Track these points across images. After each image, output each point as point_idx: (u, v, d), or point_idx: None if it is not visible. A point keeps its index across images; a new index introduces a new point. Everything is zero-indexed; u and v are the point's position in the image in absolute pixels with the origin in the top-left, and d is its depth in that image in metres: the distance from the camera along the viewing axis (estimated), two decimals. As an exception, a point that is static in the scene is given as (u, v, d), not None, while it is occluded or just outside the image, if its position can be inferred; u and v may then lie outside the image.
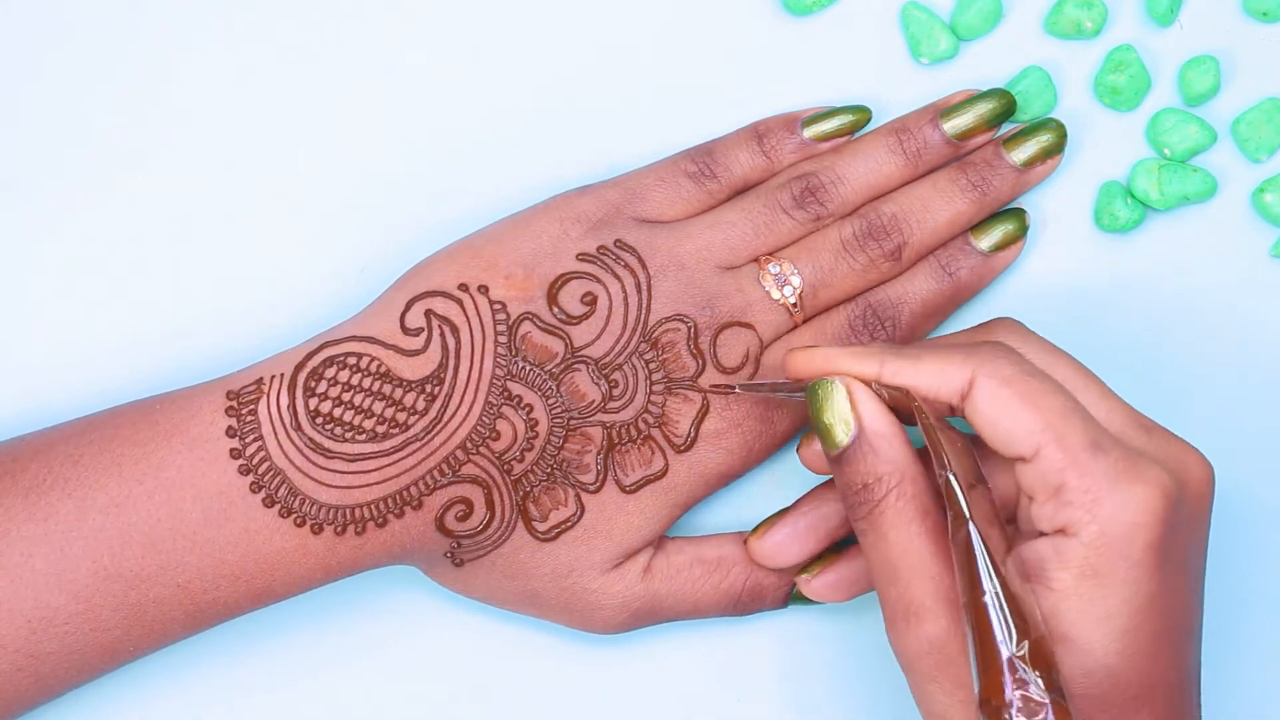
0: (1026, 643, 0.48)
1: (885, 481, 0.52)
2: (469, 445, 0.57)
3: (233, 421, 0.56)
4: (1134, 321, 0.63)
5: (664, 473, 0.58)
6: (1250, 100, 0.63)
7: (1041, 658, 0.48)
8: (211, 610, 0.56)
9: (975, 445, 0.53)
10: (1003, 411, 0.50)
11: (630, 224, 0.59)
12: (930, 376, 0.52)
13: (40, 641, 0.54)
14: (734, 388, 0.57)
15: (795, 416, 0.60)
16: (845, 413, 0.52)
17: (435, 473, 0.56)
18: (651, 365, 0.58)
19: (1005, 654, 0.48)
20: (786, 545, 0.58)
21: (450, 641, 0.62)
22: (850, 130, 0.62)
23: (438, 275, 0.58)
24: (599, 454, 0.58)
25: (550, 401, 0.57)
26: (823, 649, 0.62)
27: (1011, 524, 0.54)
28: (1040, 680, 0.47)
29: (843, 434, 0.52)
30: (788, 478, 0.62)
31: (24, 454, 0.56)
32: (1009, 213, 0.61)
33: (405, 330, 0.57)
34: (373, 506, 0.56)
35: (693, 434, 0.58)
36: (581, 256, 0.58)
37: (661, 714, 0.62)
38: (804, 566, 0.59)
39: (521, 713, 0.62)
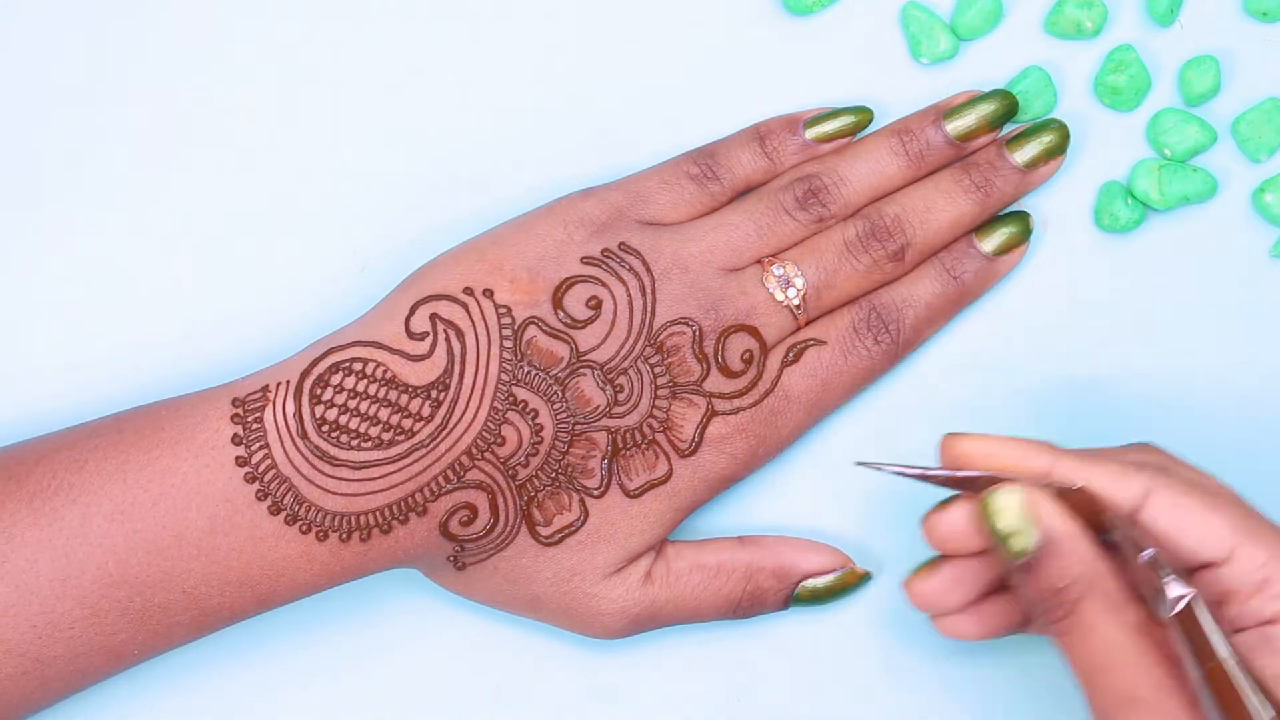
0: (1275, 715, 0.47)
1: (1083, 580, 0.50)
2: (474, 451, 0.57)
3: (238, 429, 0.56)
4: (1134, 321, 0.63)
5: (667, 477, 0.58)
6: (1250, 100, 0.63)
7: None
8: (216, 615, 0.56)
9: None
10: (1187, 520, 0.50)
11: (634, 227, 0.59)
12: (1109, 480, 0.51)
13: (45, 646, 0.54)
14: (882, 467, 0.53)
15: (798, 420, 0.60)
16: (1027, 520, 0.51)
17: (441, 479, 0.56)
18: (656, 370, 0.58)
19: (1267, 716, 0.47)
20: (949, 590, 0.55)
21: (450, 644, 0.62)
22: (852, 131, 0.62)
23: (442, 278, 0.58)
24: (603, 459, 0.58)
25: (555, 407, 0.57)
26: (823, 650, 0.62)
27: None
28: None
29: (1025, 542, 0.51)
30: (790, 482, 0.62)
31: (29, 459, 0.56)
32: (1013, 216, 0.61)
33: (410, 334, 0.57)
34: (378, 513, 0.56)
35: (697, 439, 0.58)
36: (586, 260, 0.58)
37: (661, 715, 0.62)
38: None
39: (522, 715, 0.62)
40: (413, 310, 0.57)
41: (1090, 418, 0.62)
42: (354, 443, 0.56)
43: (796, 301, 0.59)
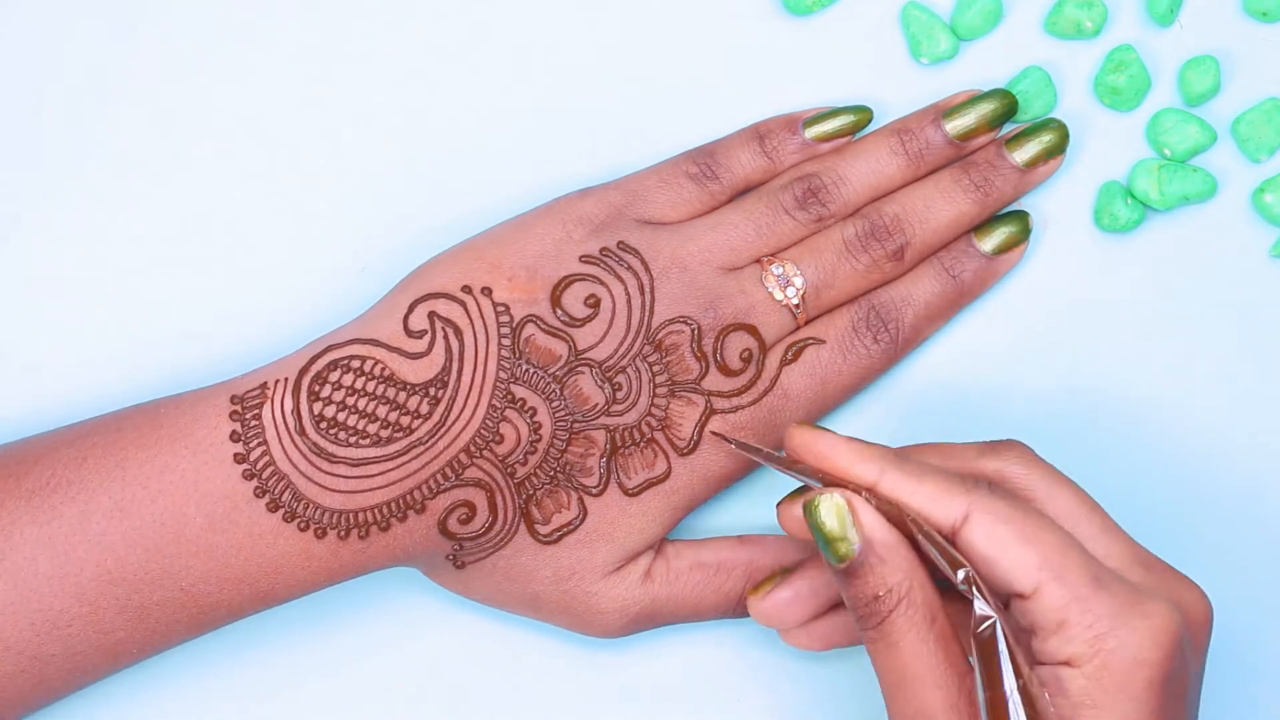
0: None
1: (896, 591, 0.51)
2: (473, 449, 0.57)
3: (237, 426, 0.56)
4: (1134, 321, 0.63)
5: (666, 475, 0.58)
6: (1250, 100, 0.63)
7: None
8: (215, 613, 0.56)
9: None
10: (1000, 548, 0.50)
11: (633, 226, 0.59)
12: (927, 500, 0.51)
13: (44, 644, 0.55)
14: (731, 441, 0.56)
15: (797, 419, 0.59)
16: (848, 527, 0.51)
17: (439, 476, 0.56)
18: (655, 368, 0.58)
19: None
20: (788, 607, 0.57)
21: (450, 643, 0.62)
22: (852, 130, 0.62)
23: (441, 277, 0.58)
24: (602, 457, 0.58)
25: (554, 405, 0.57)
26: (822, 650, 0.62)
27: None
28: None
29: (847, 548, 0.51)
30: (789, 481, 0.62)
31: (28, 457, 0.56)
32: (1012, 215, 0.61)
33: (409, 332, 0.57)
34: (376, 511, 0.56)
35: (695, 437, 0.58)
36: (584, 258, 0.58)
37: (661, 715, 0.62)
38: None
39: (521, 714, 0.62)
40: (411, 308, 0.57)
41: (1089, 417, 0.62)
42: (352, 440, 0.56)
43: (796, 301, 0.59)
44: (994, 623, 0.49)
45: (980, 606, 0.49)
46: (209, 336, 0.62)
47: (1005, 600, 0.51)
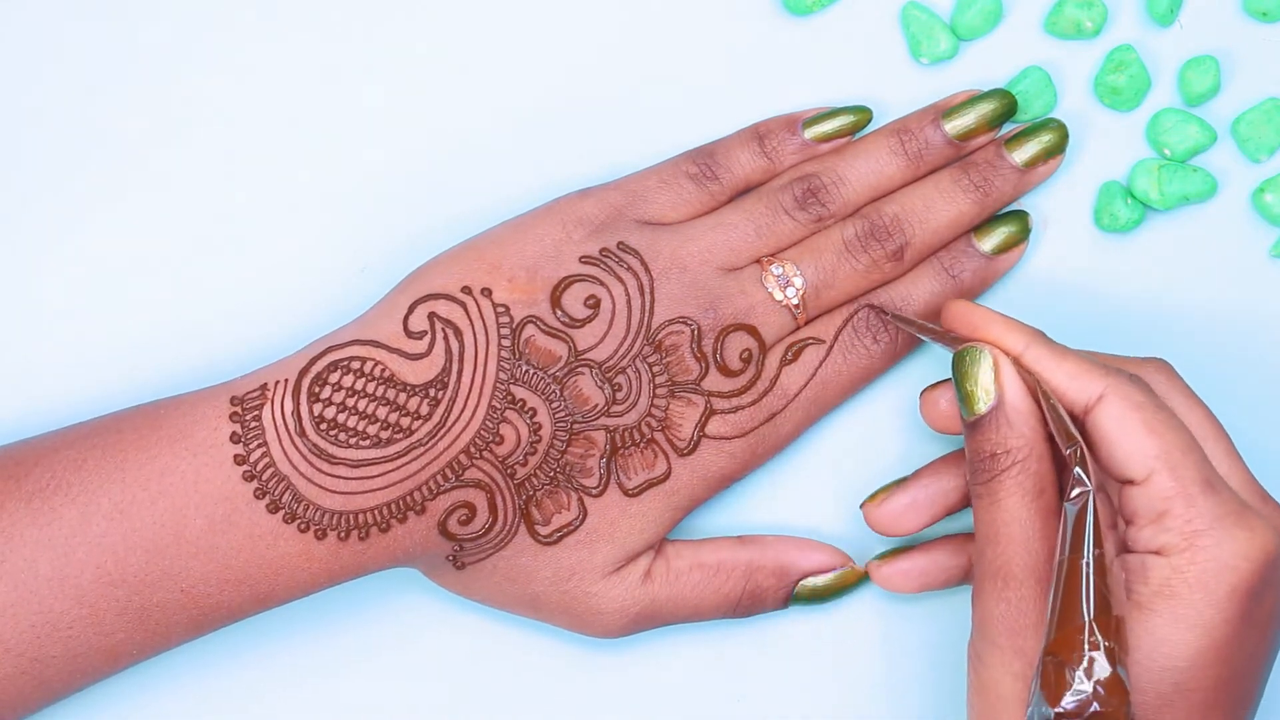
0: (1112, 616, 0.49)
1: (1014, 454, 0.53)
2: (472, 450, 0.57)
3: (237, 427, 0.56)
4: (1134, 321, 0.63)
5: (666, 476, 0.58)
6: (1250, 100, 0.63)
7: (1118, 635, 0.49)
8: (215, 614, 0.56)
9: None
10: (1125, 432, 0.52)
11: (632, 226, 0.59)
12: (1066, 375, 0.53)
13: (44, 646, 0.54)
14: (887, 313, 0.59)
15: (797, 419, 0.60)
16: (988, 382, 0.54)
17: (439, 477, 0.56)
18: (655, 369, 0.58)
19: (1088, 617, 0.49)
20: (904, 515, 0.59)
21: (450, 643, 0.62)
22: (851, 131, 0.62)
23: (440, 278, 0.58)
24: (602, 458, 0.58)
25: (554, 405, 0.57)
26: (823, 650, 0.62)
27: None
28: (1107, 654, 0.48)
29: (983, 402, 0.54)
30: (790, 481, 0.62)
31: (28, 458, 0.56)
32: (1011, 215, 0.62)
33: (409, 333, 0.57)
34: (376, 512, 0.56)
35: (695, 437, 0.58)
36: (584, 259, 0.58)
37: (661, 715, 0.62)
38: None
39: (521, 714, 0.62)
40: (411, 309, 0.57)
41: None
42: (352, 441, 0.56)
43: (795, 301, 0.59)
44: (1088, 493, 0.50)
45: (1080, 476, 0.50)
46: (209, 336, 0.62)
47: (1119, 486, 0.52)
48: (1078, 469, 0.50)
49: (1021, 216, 0.61)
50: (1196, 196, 0.62)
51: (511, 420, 0.57)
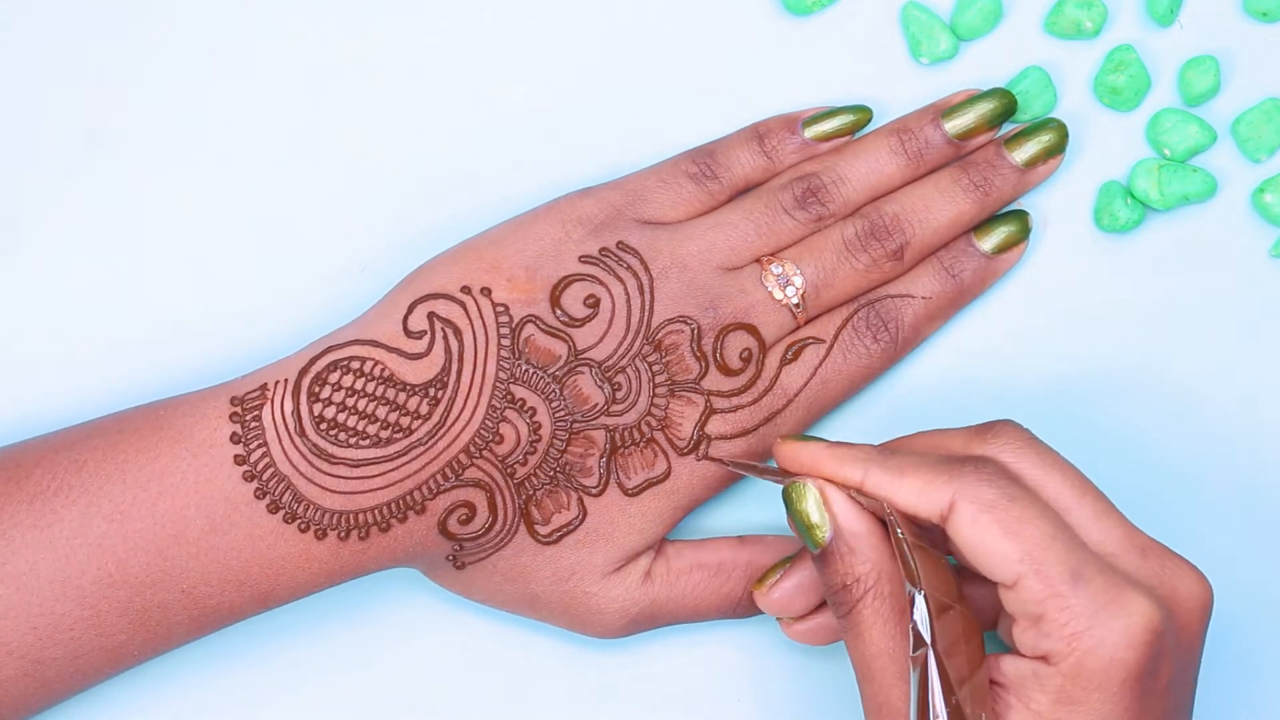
0: None
1: (863, 582, 0.52)
2: (472, 449, 0.57)
3: (237, 428, 0.56)
4: (1134, 321, 0.63)
5: (666, 475, 0.58)
6: (1250, 100, 0.63)
7: None
8: (216, 615, 0.56)
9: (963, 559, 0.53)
10: (983, 538, 0.50)
11: (632, 225, 0.59)
12: (912, 493, 0.51)
13: (46, 647, 0.54)
14: (724, 462, 0.58)
15: (797, 418, 0.60)
16: (820, 514, 0.53)
17: (439, 477, 0.56)
18: (655, 368, 0.58)
19: None
20: (794, 596, 0.58)
21: (450, 643, 0.62)
22: (851, 130, 0.62)
23: (440, 277, 0.58)
24: (601, 457, 0.58)
25: (553, 405, 0.57)
26: (822, 650, 0.62)
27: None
28: None
29: (820, 535, 0.53)
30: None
31: (28, 460, 0.56)
32: (1011, 215, 0.61)
33: (408, 333, 0.57)
34: (376, 511, 0.56)
35: (695, 436, 0.58)
36: (584, 258, 0.58)
37: (661, 715, 0.62)
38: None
39: (521, 714, 0.62)
40: (410, 309, 0.57)
41: (1089, 417, 0.62)
42: (352, 441, 0.56)
43: (795, 300, 0.59)
44: (925, 653, 0.49)
45: (917, 626, 0.49)
46: (209, 337, 0.62)
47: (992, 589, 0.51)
48: (914, 621, 0.49)
49: (1021, 216, 0.61)
50: (1196, 196, 0.62)
51: (511, 419, 0.57)
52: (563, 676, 0.62)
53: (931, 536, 0.52)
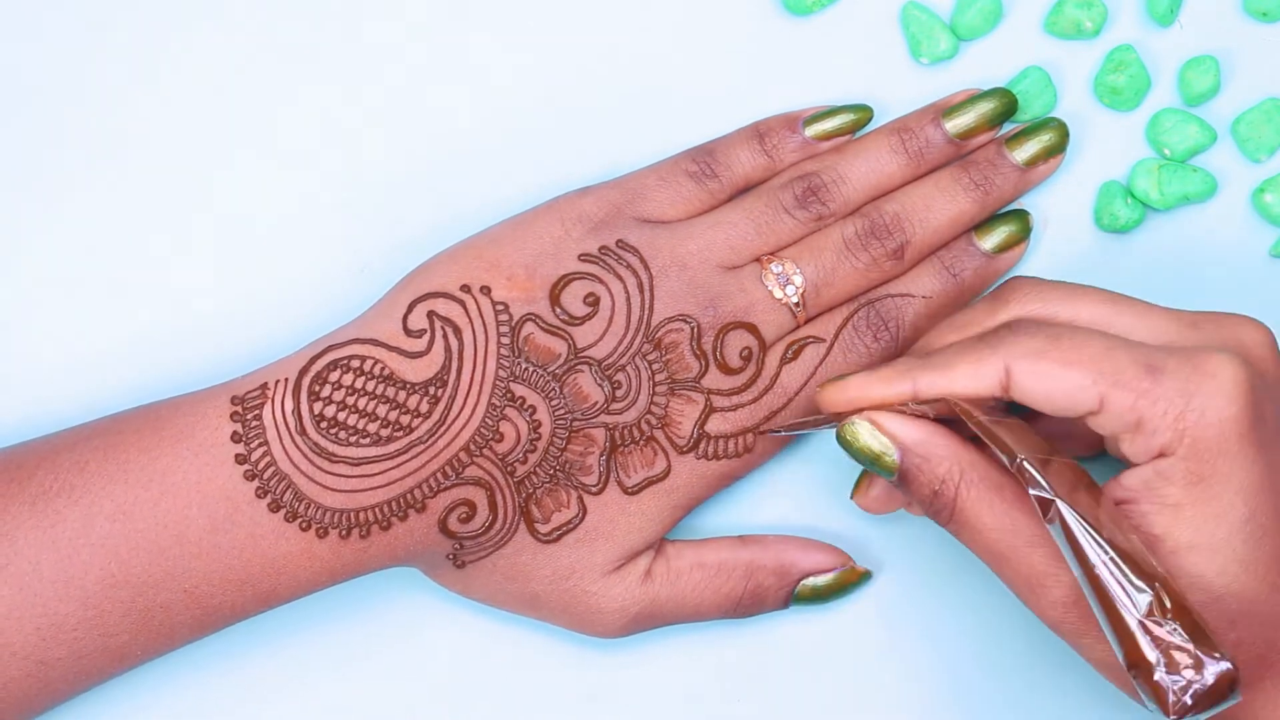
0: (1151, 596, 0.48)
1: (950, 480, 0.53)
2: (472, 447, 0.57)
3: (238, 427, 0.56)
4: (1135, 320, 0.63)
5: (666, 474, 0.58)
6: (1250, 100, 0.63)
7: (1176, 604, 0.48)
8: (218, 614, 0.56)
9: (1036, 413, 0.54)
10: (1050, 383, 0.51)
11: (632, 224, 0.59)
12: (967, 380, 0.53)
13: (49, 648, 0.55)
14: (778, 430, 0.58)
15: (798, 415, 0.60)
16: (879, 442, 0.54)
17: (439, 475, 0.56)
18: (654, 366, 0.58)
19: (1134, 618, 0.48)
20: (889, 497, 0.58)
21: (451, 643, 0.62)
22: (851, 129, 0.62)
23: (439, 276, 0.58)
24: (601, 455, 0.58)
25: (553, 403, 0.57)
26: (823, 650, 0.62)
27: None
28: (1179, 626, 0.48)
29: (889, 460, 0.54)
30: (790, 481, 0.62)
31: (29, 461, 0.56)
32: (1012, 214, 0.62)
33: (408, 332, 0.57)
34: (377, 510, 0.56)
35: (695, 435, 0.58)
36: (584, 257, 0.58)
37: (661, 715, 0.62)
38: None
39: (521, 714, 0.62)
40: (410, 308, 0.57)
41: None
42: (353, 439, 0.56)
43: (795, 299, 0.59)
44: (1053, 502, 0.49)
45: (1035, 492, 0.50)
46: (210, 337, 0.62)
47: (1085, 421, 0.52)
48: (1030, 489, 0.50)
49: (1022, 215, 0.61)
50: (1196, 196, 0.62)
51: (511, 418, 0.57)
52: (563, 676, 0.62)
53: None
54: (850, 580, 0.61)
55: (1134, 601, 0.48)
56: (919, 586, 0.62)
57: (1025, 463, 0.50)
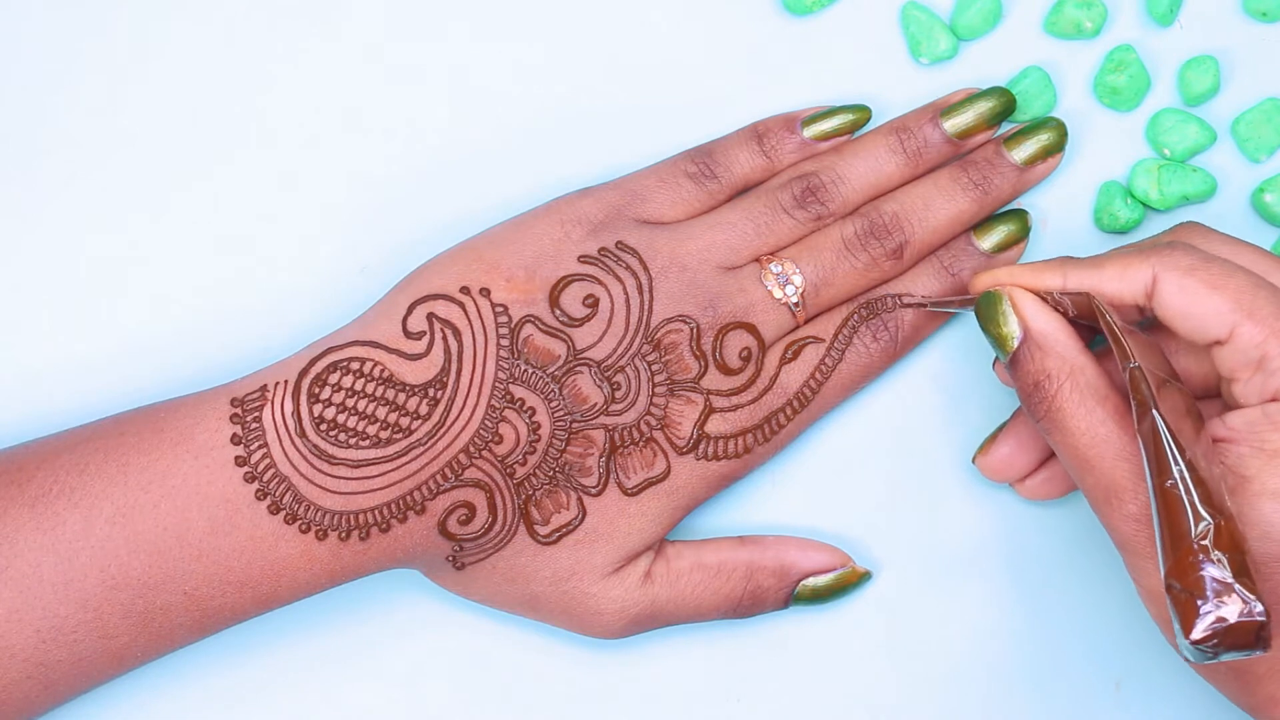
0: (1212, 525, 0.48)
1: (1056, 376, 0.54)
2: (472, 449, 0.57)
3: (237, 429, 0.56)
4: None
5: (665, 475, 0.58)
6: (1250, 100, 0.63)
7: (1231, 541, 0.48)
8: (218, 616, 0.56)
9: (1167, 342, 0.55)
10: (1191, 300, 0.52)
11: (631, 225, 0.59)
12: (1113, 279, 0.54)
13: (49, 650, 0.55)
14: (924, 303, 0.60)
15: (796, 418, 0.60)
16: (1010, 321, 0.55)
17: (438, 477, 0.56)
18: (654, 367, 0.58)
19: (1188, 538, 0.48)
20: (1012, 459, 0.60)
21: (451, 643, 0.62)
22: (850, 129, 0.62)
23: (439, 278, 0.58)
24: (601, 457, 0.58)
25: (553, 404, 0.57)
26: (823, 650, 0.62)
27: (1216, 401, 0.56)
28: (1227, 562, 0.48)
29: (1010, 341, 0.55)
30: (790, 481, 0.62)
31: (29, 463, 0.56)
32: (1011, 214, 0.62)
33: (407, 334, 0.57)
34: (376, 512, 0.56)
35: (695, 436, 0.58)
36: (583, 258, 0.58)
37: (661, 715, 0.62)
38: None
39: (521, 714, 0.62)
40: (410, 310, 0.57)
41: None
42: (352, 441, 0.56)
43: (795, 299, 0.59)
44: (1150, 413, 0.50)
45: (1138, 400, 0.50)
46: (210, 338, 0.62)
47: (1209, 352, 0.53)
48: (1133, 394, 0.50)
49: (1021, 215, 0.61)
50: (1196, 196, 0.62)
51: (510, 419, 0.57)
52: (563, 676, 0.62)
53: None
54: (850, 580, 0.61)
55: (1194, 524, 0.48)
56: (919, 586, 0.62)
57: (1140, 368, 0.51)
